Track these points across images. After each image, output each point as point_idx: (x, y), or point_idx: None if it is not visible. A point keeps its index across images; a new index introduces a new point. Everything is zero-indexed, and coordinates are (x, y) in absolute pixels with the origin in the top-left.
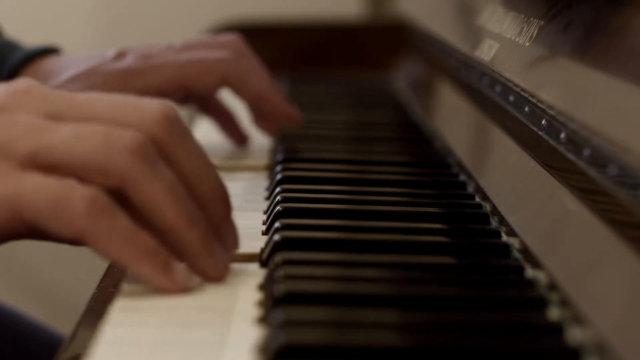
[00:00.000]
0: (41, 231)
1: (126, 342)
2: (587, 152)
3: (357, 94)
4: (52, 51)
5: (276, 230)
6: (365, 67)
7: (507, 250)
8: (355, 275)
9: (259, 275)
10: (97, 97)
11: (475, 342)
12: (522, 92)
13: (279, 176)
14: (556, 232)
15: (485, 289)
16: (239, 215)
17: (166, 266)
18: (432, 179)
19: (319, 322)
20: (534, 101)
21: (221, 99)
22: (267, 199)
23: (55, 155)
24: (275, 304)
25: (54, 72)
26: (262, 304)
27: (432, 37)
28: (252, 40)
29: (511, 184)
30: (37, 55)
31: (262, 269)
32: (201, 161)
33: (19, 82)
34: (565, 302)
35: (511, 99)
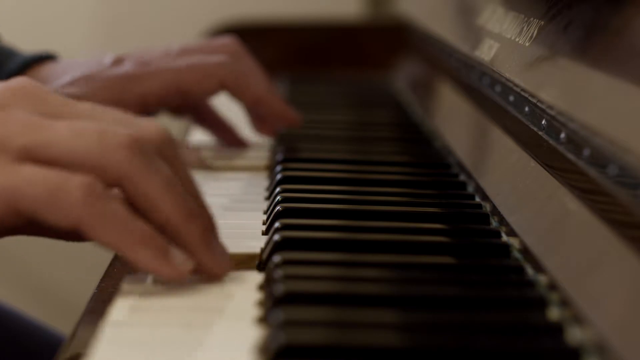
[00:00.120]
0: (38, 223)
1: (126, 342)
2: (587, 152)
3: (357, 94)
4: (49, 57)
5: (276, 230)
6: (365, 67)
7: (507, 250)
8: (355, 275)
9: (258, 275)
10: (95, 106)
11: (475, 342)
12: (522, 92)
13: (279, 176)
14: (556, 232)
15: (485, 289)
16: (239, 215)
17: (164, 252)
18: (432, 179)
19: (319, 322)
20: (534, 101)
21: (215, 108)
22: (267, 199)
23: (51, 151)
24: (275, 304)
25: (51, 78)
26: (262, 304)
27: (432, 37)
28: (252, 40)
29: (511, 184)
30: (35, 61)
31: (262, 269)
32: (191, 181)
33: (18, 81)
34: (565, 302)
35: (511, 99)
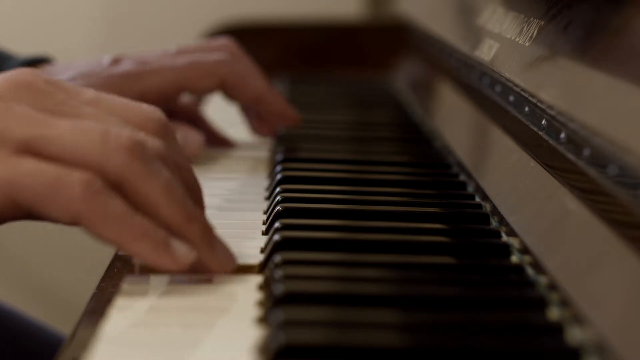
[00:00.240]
0: (37, 216)
1: (126, 342)
2: (587, 152)
3: (357, 94)
4: (45, 60)
5: (276, 230)
6: (365, 67)
7: (507, 250)
8: (355, 275)
9: (258, 275)
10: (100, 95)
11: (475, 342)
12: (522, 92)
13: (279, 176)
14: (556, 232)
15: (485, 289)
16: (239, 215)
17: (164, 244)
18: (432, 179)
19: (319, 322)
20: (534, 101)
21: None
22: (267, 199)
23: (52, 146)
24: (275, 304)
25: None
26: (262, 304)
27: (432, 37)
28: (251, 40)
29: (511, 184)
30: (31, 64)
31: (262, 268)
32: (188, 164)
33: (22, 73)
34: (565, 302)
35: (511, 99)
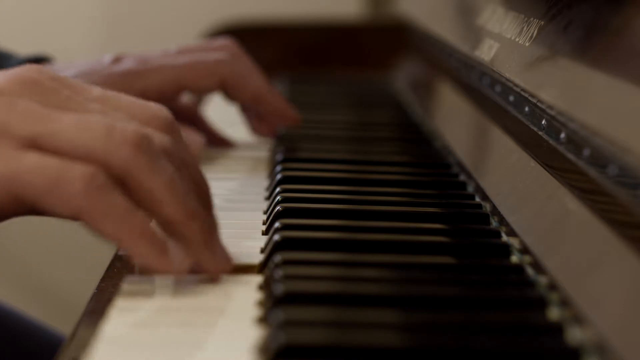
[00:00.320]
0: (39, 211)
1: (126, 342)
2: (587, 152)
3: (357, 94)
4: (45, 60)
5: (276, 230)
6: (365, 67)
7: (507, 250)
8: (355, 275)
9: (258, 275)
10: (106, 92)
11: (475, 342)
12: (522, 92)
13: (279, 176)
14: (556, 232)
15: (485, 289)
16: (239, 215)
17: (162, 248)
18: (432, 179)
19: (319, 322)
20: (534, 101)
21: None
22: (267, 199)
23: (56, 141)
24: (275, 304)
25: None
26: (262, 304)
27: (432, 37)
28: (251, 40)
29: (511, 184)
30: (32, 63)
31: (262, 268)
32: (194, 162)
33: (29, 70)
34: (565, 302)
35: (511, 99)
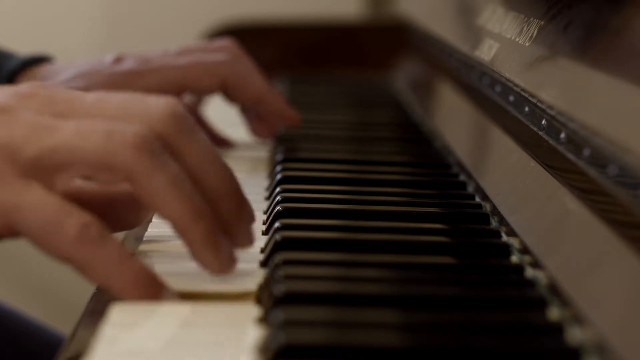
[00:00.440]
0: (31, 244)
1: (126, 343)
2: (587, 152)
3: (357, 94)
4: (45, 59)
5: (276, 230)
6: (365, 67)
7: (507, 250)
8: (355, 275)
9: (259, 275)
10: (104, 95)
11: (475, 342)
12: (522, 92)
13: (279, 176)
14: (556, 232)
15: (485, 289)
16: None
17: (156, 293)
18: (432, 179)
19: (319, 322)
20: (534, 101)
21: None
22: (267, 199)
23: (59, 157)
24: (275, 304)
25: (50, 78)
26: (262, 304)
27: (432, 37)
28: (251, 40)
29: (511, 184)
30: (32, 62)
31: (262, 268)
32: (209, 156)
33: (26, 86)
34: (565, 302)
35: (511, 99)
